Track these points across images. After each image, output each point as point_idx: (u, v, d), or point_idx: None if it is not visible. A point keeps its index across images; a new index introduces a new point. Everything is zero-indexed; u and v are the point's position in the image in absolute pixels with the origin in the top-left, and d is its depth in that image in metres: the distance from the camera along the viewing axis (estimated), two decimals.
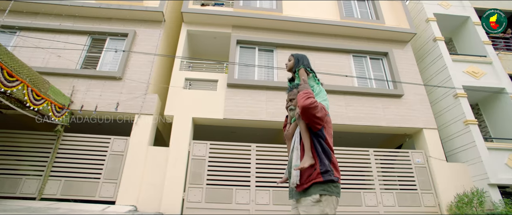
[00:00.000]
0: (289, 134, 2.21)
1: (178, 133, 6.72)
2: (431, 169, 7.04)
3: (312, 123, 1.91)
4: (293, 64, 2.47)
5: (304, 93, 1.91)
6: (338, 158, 7.00)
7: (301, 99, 1.87)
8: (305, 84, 2.10)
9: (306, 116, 1.89)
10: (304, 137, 1.94)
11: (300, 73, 2.35)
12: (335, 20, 8.65)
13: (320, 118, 1.90)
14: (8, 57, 4.96)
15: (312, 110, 1.84)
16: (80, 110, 6.59)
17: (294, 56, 2.50)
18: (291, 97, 2.22)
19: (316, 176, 1.80)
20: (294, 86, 2.25)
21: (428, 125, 7.51)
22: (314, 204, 1.76)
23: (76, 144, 6.53)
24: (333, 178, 1.81)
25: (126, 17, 8.15)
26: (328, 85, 7.69)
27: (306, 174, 1.85)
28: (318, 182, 1.79)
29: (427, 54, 8.80)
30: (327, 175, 1.80)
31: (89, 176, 6.26)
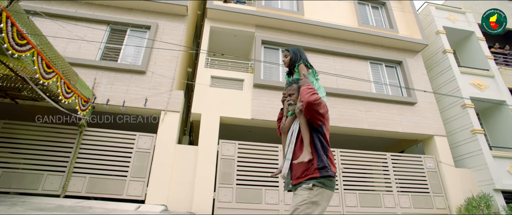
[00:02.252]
0: (286, 128, 2.23)
1: (206, 132, 6.65)
2: (442, 173, 7.54)
3: (314, 119, 1.92)
4: (289, 61, 2.47)
5: (308, 89, 1.93)
6: (358, 160, 7.30)
7: (305, 94, 1.89)
8: (306, 79, 2.12)
9: (309, 112, 1.90)
10: (304, 132, 1.96)
11: (300, 68, 2.36)
12: (353, 27, 8.90)
13: (322, 115, 1.92)
14: (47, 47, 4.67)
15: (316, 106, 1.86)
16: (106, 104, 6.31)
17: (290, 51, 2.49)
18: (291, 92, 2.22)
19: (313, 172, 1.83)
20: (293, 81, 2.26)
21: (438, 132, 8.01)
22: (304, 189, 1.80)
23: (99, 140, 6.26)
24: (330, 174, 1.84)
25: (148, 9, 7.86)
26: (349, 90, 7.95)
27: (302, 168, 1.88)
28: (314, 177, 1.82)
29: (436, 64, 9.32)
30: (324, 171, 1.83)
31: (115, 174, 6.04)
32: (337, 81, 8.07)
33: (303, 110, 1.93)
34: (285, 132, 2.22)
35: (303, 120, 1.99)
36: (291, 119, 2.23)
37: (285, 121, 2.29)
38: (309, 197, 1.77)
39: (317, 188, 1.79)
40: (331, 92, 7.78)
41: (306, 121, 1.97)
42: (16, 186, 5.58)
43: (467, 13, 9.98)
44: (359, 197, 6.87)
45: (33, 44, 4.30)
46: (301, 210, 1.75)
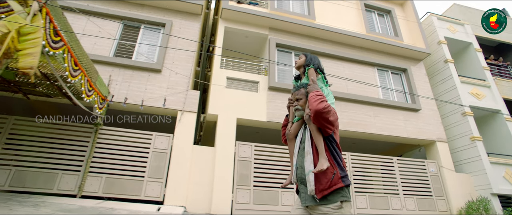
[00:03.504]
0: (291, 135, 2.16)
1: (223, 133, 6.66)
2: (443, 178, 7.93)
3: (323, 127, 1.84)
4: (303, 62, 2.37)
5: (317, 96, 1.84)
6: (367, 164, 7.56)
7: (314, 102, 1.81)
8: (315, 84, 2.03)
9: (318, 120, 1.82)
10: (317, 140, 1.86)
11: (310, 72, 2.25)
12: (361, 33, 9.14)
13: (332, 123, 1.83)
14: (75, 44, 4.53)
15: (326, 115, 1.78)
16: (124, 103, 6.18)
17: (307, 55, 2.41)
18: (298, 96, 2.12)
19: (338, 181, 1.75)
20: (301, 85, 2.17)
21: (440, 138, 8.40)
22: (335, 211, 1.71)
23: (115, 139, 6.13)
24: (349, 183, 1.80)
25: (161, 6, 7.73)
26: (358, 95, 8.18)
27: (325, 179, 1.75)
28: (339, 188, 1.74)
29: (437, 73, 9.74)
30: (346, 180, 1.77)
31: (132, 174, 5.94)
32: (347, 86, 8.28)
33: (312, 118, 1.84)
34: (291, 138, 2.16)
35: (314, 127, 1.89)
36: (297, 125, 2.16)
37: (290, 127, 2.21)
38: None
39: (345, 203, 1.74)
40: (341, 97, 7.97)
41: (317, 128, 1.88)
42: (30, 186, 5.38)
43: (466, 25, 10.48)
44: (369, 199, 7.11)
45: (65, 41, 4.17)
46: None
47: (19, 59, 3.05)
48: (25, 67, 3.01)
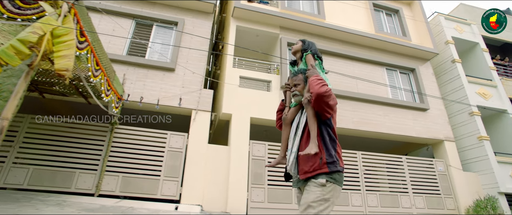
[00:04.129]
0: (288, 120, 2.15)
1: (237, 132, 6.70)
2: (451, 176, 8.05)
3: (322, 111, 1.85)
4: (300, 48, 2.34)
5: (318, 80, 1.84)
6: (377, 162, 7.65)
7: (315, 85, 1.81)
8: (314, 70, 2.02)
9: (318, 104, 1.82)
10: (311, 124, 1.87)
11: (307, 58, 2.24)
12: (370, 33, 9.18)
13: (332, 107, 1.86)
14: (97, 44, 4.54)
15: (326, 98, 1.79)
16: (140, 102, 6.19)
17: (303, 40, 2.39)
18: (296, 82, 2.12)
19: (322, 166, 1.76)
20: (299, 71, 2.17)
21: (448, 137, 8.51)
22: (317, 186, 1.73)
23: (130, 138, 6.15)
24: (339, 169, 1.78)
25: (173, 4, 7.71)
26: (368, 95, 8.25)
27: (310, 162, 1.80)
28: (323, 173, 1.75)
29: (444, 72, 9.83)
30: (332, 166, 1.76)
31: (148, 173, 5.97)
32: (357, 85, 8.34)
33: (312, 102, 1.85)
34: (287, 123, 2.16)
35: (311, 112, 1.90)
36: (294, 110, 2.15)
37: (287, 112, 2.20)
38: (323, 194, 1.70)
39: (330, 184, 1.73)
40: (352, 96, 8.04)
41: (314, 113, 1.89)
42: (49, 184, 5.40)
43: (472, 24, 10.56)
44: (380, 197, 7.21)
45: (89, 41, 4.18)
46: (314, 207, 1.68)
47: (54, 61, 3.06)
48: (61, 69, 3.02)
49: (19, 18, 3.35)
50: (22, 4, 3.42)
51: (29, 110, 6.22)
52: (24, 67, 3.22)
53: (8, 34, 3.29)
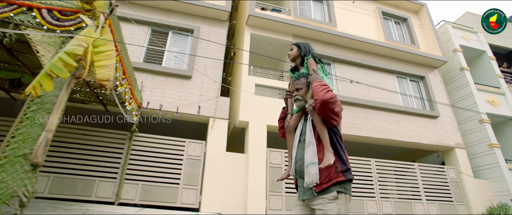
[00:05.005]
0: (291, 127, 2.07)
1: (254, 140, 6.72)
2: (463, 184, 8.11)
3: (328, 118, 1.78)
4: (298, 53, 2.25)
5: (322, 85, 1.77)
6: (390, 170, 7.69)
7: (320, 91, 1.73)
8: (317, 74, 1.94)
9: (324, 111, 1.75)
10: (321, 132, 1.79)
11: (309, 62, 2.15)
12: (381, 41, 9.30)
13: (337, 114, 1.79)
14: (124, 53, 4.57)
15: (332, 105, 1.72)
16: (159, 110, 6.20)
17: (297, 45, 2.30)
18: (298, 86, 2.04)
19: (338, 175, 1.69)
20: (301, 75, 2.08)
21: (459, 144, 8.59)
22: (330, 201, 1.65)
23: (149, 146, 6.15)
24: (352, 177, 1.74)
25: (188, 12, 7.77)
26: (380, 102, 8.32)
27: (326, 172, 1.71)
28: (339, 182, 1.69)
29: (452, 80, 9.96)
30: (348, 174, 1.72)
31: (168, 181, 5.97)
32: (369, 93, 8.42)
33: (317, 108, 1.76)
34: (291, 131, 2.08)
35: (318, 119, 1.81)
36: (297, 117, 2.08)
37: (290, 119, 2.12)
38: (339, 208, 1.64)
39: (342, 194, 1.67)
40: (365, 104, 8.11)
41: (322, 120, 1.81)
42: (70, 193, 5.38)
43: (479, 33, 10.73)
44: (394, 205, 7.24)
45: (119, 50, 4.21)
46: None
47: (95, 71, 3.09)
48: (103, 79, 3.05)
49: (58, 29, 3.39)
50: (60, 16, 3.47)
51: None
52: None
53: (48, 45, 3.33)
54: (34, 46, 3.20)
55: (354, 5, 9.92)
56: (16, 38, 3.34)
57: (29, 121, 2.94)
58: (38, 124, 2.99)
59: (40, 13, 3.41)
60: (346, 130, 7.61)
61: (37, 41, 3.25)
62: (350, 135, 7.72)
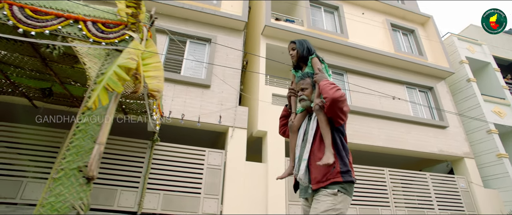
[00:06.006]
0: (295, 126, 2.06)
1: (273, 149, 6.76)
2: (473, 193, 8.24)
3: (336, 117, 1.77)
4: (301, 52, 2.22)
5: (330, 84, 1.77)
6: (402, 179, 7.79)
7: (329, 90, 1.72)
8: (322, 74, 1.94)
9: (333, 110, 1.73)
10: (325, 131, 1.78)
11: (313, 62, 2.13)
12: (390, 52, 9.50)
13: (345, 113, 1.78)
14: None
15: (341, 104, 1.71)
16: (181, 119, 6.22)
17: (297, 43, 2.27)
18: (304, 86, 2.03)
19: (335, 176, 1.68)
20: (306, 75, 2.06)
21: (468, 154, 8.76)
22: (328, 194, 1.65)
23: (169, 155, 6.16)
24: (352, 179, 1.72)
25: (205, 21, 7.86)
26: (392, 112, 8.47)
27: (323, 171, 1.71)
28: (337, 182, 1.68)
29: (459, 91, 10.18)
30: (347, 176, 1.70)
31: (189, 190, 5.96)
32: (381, 103, 8.56)
33: (326, 107, 1.75)
34: (295, 131, 2.06)
35: (323, 118, 1.81)
36: (301, 116, 2.07)
37: (293, 118, 2.11)
38: (334, 204, 1.63)
39: (341, 194, 1.66)
40: (377, 114, 8.24)
41: (327, 119, 1.80)
42: (93, 202, 5.33)
43: (483, 45, 11.04)
44: (408, 213, 7.32)
45: None
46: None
47: (146, 81, 3.14)
48: (154, 90, 3.10)
49: (103, 41, 3.43)
50: (104, 28, 3.51)
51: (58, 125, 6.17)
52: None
53: (93, 58, 3.37)
54: (81, 58, 3.24)
55: (363, 17, 10.14)
56: (64, 50, 3.37)
57: (81, 134, 2.95)
58: (89, 136, 3.01)
59: (86, 25, 3.45)
60: (360, 139, 7.70)
61: (83, 53, 3.28)
62: (365, 145, 7.81)
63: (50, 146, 5.63)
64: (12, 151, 5.34)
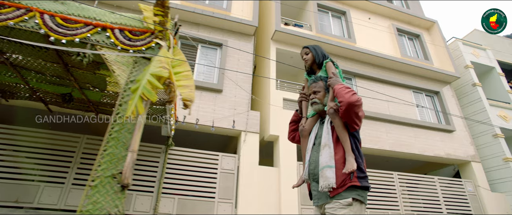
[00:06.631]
0: (306, 131, 2.02)
1: (285, 154, 6.81)
2: (480, 197, 8.32)
3: (352, 122, 1.73)
4: (315, 57, 2.19)
5: (346, 88, 1.73)
6: (412, 183, 7.86)
7: (345, 94, 1.69)
8: (337, 78, 1.90)
9: (348, 114, 1.70)
10: (343, 136, 1.74)
11: (328, 66, 2.10)
12: (397, 57, 9.59)
13: (360, 118, 1.75)
14: None
15: (357, 108, 1.68)
16: (196, 124, 6.26)
17: (310, 48, 2.24)
18: (316, 89, 1.99)
19: (354, 180, 1.64)
20: (319, 78, 2.04)
21: (475, 158, 8.85)
22: (344, 206, 1.60)
23: (183, 159, 6.19)
24: (368, 185, 1.69)
25: (216, 26, 7.91)
26: (399, 117, 8.54)
27: (341, 177, 1.66)
28: (354, 186, 1.63)
29: (464, 95, 10.29)
30: (364, 181, 1.67)
31: (203, 195, 5.99)
32: (389, 108, 8.64)
33: (342, 111, 1.71)
34: (306, 135, 2.02)
35: (339, 122, 1.77)
36: (312, 120, 2.03)
37: (305, 123, 2.07)
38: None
39: (356, 203, 1.61)
40: (385, 118, 8.31)
41: (343, 123, 1.77)
42: None
43: (488, 50, 11.17)
44: None
45: None
46: None
47: (179, 90, 3.17)
48: (187, 99, 3.13)
49: (131, 49, 3.47)
50: (131, 35, 3.55)
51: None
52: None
53: (121, 65, 3.41)
54: (110, 65, 3.27)
55: (370, 22, 10.24)
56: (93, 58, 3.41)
57: (114, 142, 2.97)
58: (122, 144, 3.03)
59: (113, 33, 3.48)
60: (369, 144, 7.77)
61: (112, 61, 3.33)
62: (374, 149, 7.88)
63: (65, 150, 5.65)
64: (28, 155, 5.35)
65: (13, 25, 3.07)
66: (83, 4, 3.57)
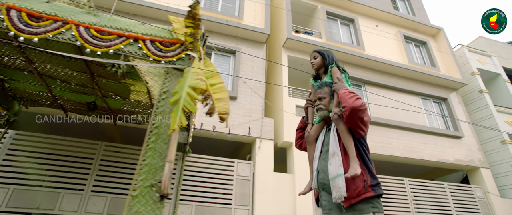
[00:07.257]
0: (312, 137, 2.01)
1: (299, 160, 6.87)
2: (490, 203, 8.38)
3: (356, 127, 1.70)
4: (323, 62, 2.19)
5: (350, 93, 1.70)
6: (422, 189, 7.92)
7: (349, 98, 1.66)
8: (342, 83, 1.88)
9: (353, 119, 1.67)
10: (347, 142, 1.70)
11: (333, 71, 2.08)
12: (405, 64, 9.71)
13: (366, 123, 1.72)
14: None
15: (362, 113, 1.66)
16: (213, 131, 6.32)
17: (320, 53, 2.23)
18: (321, 95, 1.97)
19: (367, 190, 1.59)
20: (325, 84, 2.02)
21: (484, 164, 8.93)
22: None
23: (199, 166, 6.24)
24: (382, 192, 1.65)
25: (228, 33, 8.01)
26: (409, 123, 8.63)
27: (353, 186, 1.61)
28: (369, 197, 1.60)
29: (471, 102, 10.40)
30: (378, 189, 1.63)
31: (220, 202, 6.03)
32: (398, 114, 8.73)
33: (346, 116, 1.68)
34: (311, 142, 2.02)
35: (344, 128, 1.74)
36: (318, 127, 2.01)
37: (310, 129, 2.07)
38: None
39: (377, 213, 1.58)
40: (395, 125, 8.40)
41: (348, 129, 1.73)
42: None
43: (493, 56, 11.31)
44: None
45: None
46: None
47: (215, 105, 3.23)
48: (222, 113, 3.19)
49: (163, 60, 3.54)
50: (162, 46, 3.63)
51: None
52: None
53: (154, 76, 3.48)
54: (143, 76, 3.34)
55: (377, 29, 10.37)
56: (126, 69, 3.48)
57: (151, 152, 3.03)
58: (158, 154, 3.09)
59: (145, 44, 3.56)
60: (380, 150, 7.83)
61: (144, 71, 3.40)
62: (384, 155, 7.94)
63: (83, 157, 5.69)
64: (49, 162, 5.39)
65: (51, 38, 3.14)
66: (114, 16, 3.65)
